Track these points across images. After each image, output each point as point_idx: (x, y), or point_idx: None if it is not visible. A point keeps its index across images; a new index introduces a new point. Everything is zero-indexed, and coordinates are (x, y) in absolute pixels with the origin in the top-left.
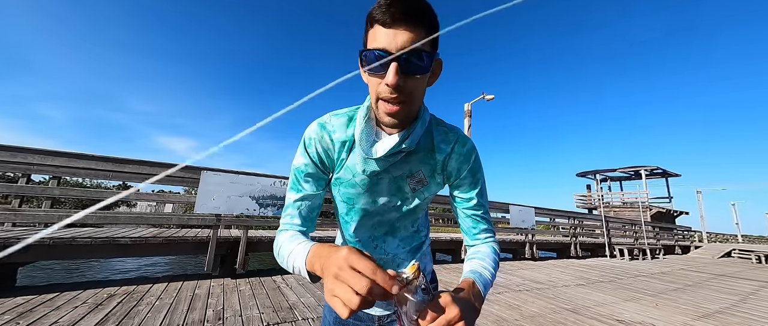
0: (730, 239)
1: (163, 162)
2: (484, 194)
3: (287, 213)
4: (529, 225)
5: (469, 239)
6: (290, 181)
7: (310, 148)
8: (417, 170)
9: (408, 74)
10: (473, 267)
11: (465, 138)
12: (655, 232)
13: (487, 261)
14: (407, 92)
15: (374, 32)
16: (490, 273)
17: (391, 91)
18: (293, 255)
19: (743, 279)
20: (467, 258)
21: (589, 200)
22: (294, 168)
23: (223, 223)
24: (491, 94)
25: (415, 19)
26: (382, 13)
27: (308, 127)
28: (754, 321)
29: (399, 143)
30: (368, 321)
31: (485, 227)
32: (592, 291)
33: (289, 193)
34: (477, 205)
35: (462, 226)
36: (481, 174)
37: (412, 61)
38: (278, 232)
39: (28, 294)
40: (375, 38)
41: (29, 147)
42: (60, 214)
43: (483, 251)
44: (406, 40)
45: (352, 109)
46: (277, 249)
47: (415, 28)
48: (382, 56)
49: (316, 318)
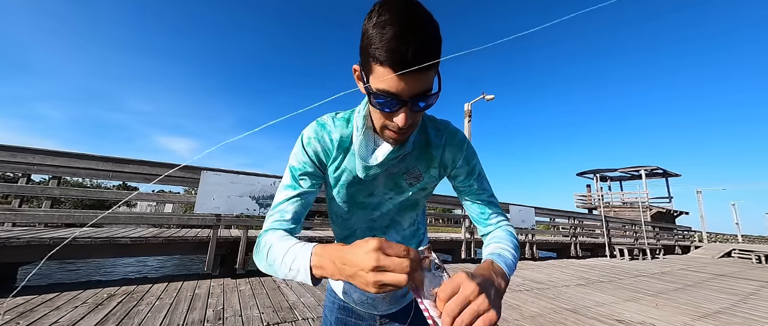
0: (730, 239)
1: (164, 162)
2: (484, 179)
3: (276, 210)
4: (529, 225)
5: (482, 227)
6: (285, 179)
7: (308, 147)
8: (413, 166)
9: (416, 112)
10: (491, 250)
11: (455, 129)
12: (655, 232)
13: (505, 243)
14: (413, 125)
15: (382, 72)
16: (510, 253)
17: (399, 128)
18: (290, 255)
19: (743, 279)
20: (484, 245)
21: (589, 200)
22: (291, 167)
23: (223, 223)
24: (491, 94)
25: (429, 65)
26: (393, 62)
27: (307, 126)
28: (754, 321)
29: (397, 149)
30: (370, 320)
31: (494, 211)
32: (593, 291)
33: (283, 191)
34: (479, 190)
35: (472, 216)
36: (476, 160)
37: (421, 101)
38: (264, 232)
39: (28, 294)
40: (382, 79)
41: (29, 147)
42: (60, 214)
43: (498, 235)
44: (419, 87)
45: (349, 111)
46: (265, 251)
47: (428, 72)
48: (393, 102)
49: (316, 318)
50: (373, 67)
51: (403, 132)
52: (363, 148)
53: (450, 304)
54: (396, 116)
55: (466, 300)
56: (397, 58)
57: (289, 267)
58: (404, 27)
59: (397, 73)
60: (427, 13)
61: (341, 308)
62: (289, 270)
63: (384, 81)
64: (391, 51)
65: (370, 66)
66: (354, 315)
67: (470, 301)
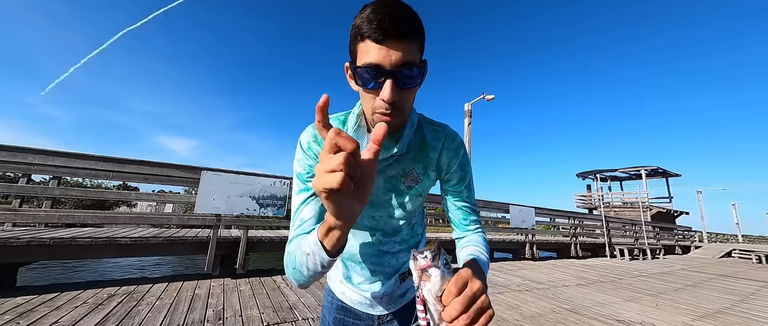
0: (731, 239)
1: (163, 162)
2: (472, 187)
3: (297, 217)
4: (529, 225)
5: (460, 231)
6: (296, 187)
7: (309, 151)
8: (410, 169)
9: (402, 88)
10: (470, 252)
11: (454, 133)
12: (655, 232)
13: (481, 247)
14: (401, 105)
15: (365, 47)
16: (485, 256)
17: (387, 106)
18: (306, 242)
19: (743, 279)
20: (460, 247)
21: (589, 200)
22: (297, 174)
23: (223, 223)
24: (491, 94)
25: (407, 33)
26: (373, 30)
27: (303, 132)
28: (755, 321)
29: (390, 148)
30: (368, 320)
31: (474, 218)
32: (593, 291)
33: (297, 197)
34: (466, 198)
35: (452, 219)
36: (469, 168)
37: (406, 75)
38: (288, 244)
39: (29, 294)
40: (367, 53)
41: (29, 147)
42: (60, 214)
43: (475, 239)
44: (399, 56)
45: (343, 113)
46: (290, 259)
47: (408, 42)
48: (377, 73)
49: (316, 318)
50: (358, 48)
51: (393, 110)
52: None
53: (460, 299)
54: (382, 91)
55: (474, 297)
56: (375, 26)
57: (307, 253)
58: (383, 6)
59: (377, 42)
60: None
61: (339, 308)
62: (307, 255)
63: (367, 55)
64: (369, 21)
65: (356, 50)
66: (352, 315)
67: (477, 298)
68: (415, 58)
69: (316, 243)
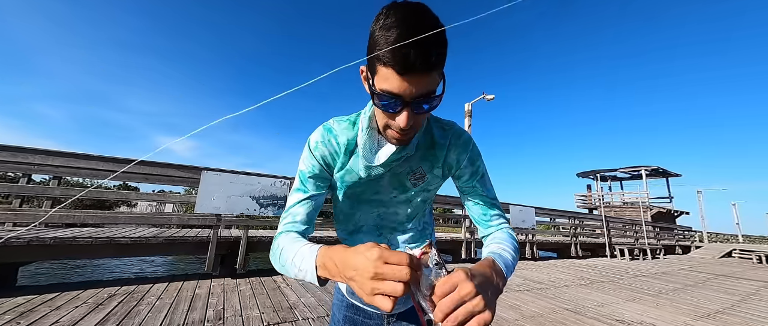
0: (731, 239)
1: (163, 162)
2: (487, 181)
3: (289, 213)
4: (529, 225)
5: (483, 228)
6: (295, 183)
7: (316, 151)
8: (417, 167)
9: (418, 113)
10: (492, 250)
11: (461, 130)
12: (655, 232)
13: (505, 244)
14: (416, 126)
15: (386, 73)
16: (510, 254)
17: (401, 129)
18: (299, 257)
19: (744, 279)
20: (485, 246)
21: (589, 200)
22: (300, 171)
23: (223, 223)
24: (492, 94)
25: (433, 66)
26: (396, 63)
27: (313, 131)
28: (755, 321)
29: (399, 150)
30: (377, 319)
31: (496, 213)
32: (593, 291)
33: (294, 194)
34: (482, 192)
35: (474, 216)
36: (481, 161)
37: (424, 103)
38: (278, 235)
39: (29, 294)
40: (386, 80)
41: (30, 147)
42: (60, 214)
43: (499, 236)
44: (421, 88)
45: (355, 114)
46: (278, 252)
47: (430, 73)
48: (395, 102)
49: (317, 318)
50: (378, 68)
51: (405, 133)
52: (367, 148)
53: (445, 301)
54: (398, 116)
55: (461, 300)
56: (400, 60)
57: (298, 268)
58: (408, 29)
59: (400, 74)
60: (434, 17)
61: (349, 306)
62: (298, 270)
63: (387, 81)
64: (394, 52)
65: (375, 67)
66: (362, 314)
67: (465, 301)
68: (435, 85)
69: (312, 273)
